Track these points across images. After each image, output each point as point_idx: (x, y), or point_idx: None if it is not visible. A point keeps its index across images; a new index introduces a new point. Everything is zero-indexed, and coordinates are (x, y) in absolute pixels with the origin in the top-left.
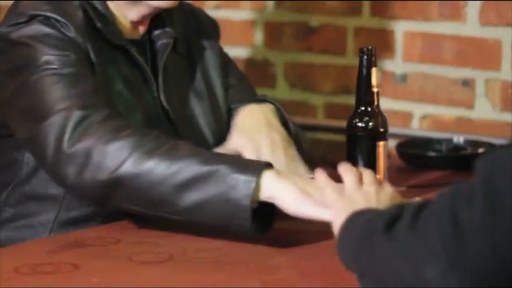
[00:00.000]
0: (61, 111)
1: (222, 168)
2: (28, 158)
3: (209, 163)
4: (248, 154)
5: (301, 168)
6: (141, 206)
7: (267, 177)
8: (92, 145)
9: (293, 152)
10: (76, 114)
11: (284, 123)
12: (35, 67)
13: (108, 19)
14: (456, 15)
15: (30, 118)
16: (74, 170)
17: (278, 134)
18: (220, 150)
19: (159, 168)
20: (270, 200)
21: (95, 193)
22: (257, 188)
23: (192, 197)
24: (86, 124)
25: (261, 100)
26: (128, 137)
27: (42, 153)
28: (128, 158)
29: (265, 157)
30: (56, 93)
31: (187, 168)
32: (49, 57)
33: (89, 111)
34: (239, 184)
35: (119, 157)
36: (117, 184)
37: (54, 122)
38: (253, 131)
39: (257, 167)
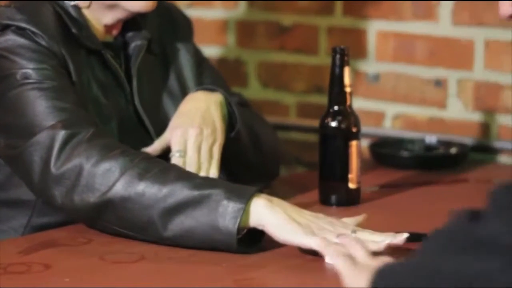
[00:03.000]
0: (46, 130)
1: (213, 194)
2: (1, 164)
3: (199, 188)
4: (176, 138)
5: (214, 164)
6: (129, 229)
7: (256, 204)
8: (80, 166)
9: (216, 148)
10: (62, 134)
11: (231, 117)
12: (13, 81)
13: (82, 23)
14: (429, 15)
15: (13, 134)
16: (63, 192)
17: (209, 127)
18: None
19: (150, 191)
20: (259, 227)
21: (85, 214)
22: (246, 215)
23: (181, 222)
24: (73, 144)
25: (212, 89)
26: (118, 158)
27: (28, 173)
28: (118, 180)
29: (190, 146)
30: (38, 108)
31: (178, 192)
32: (26, 70)
33: (75, 129)
34: (228, 212)
35: (109, 178)
36: (107, 206)
37: (39, 142)
38: (188, 117)
39: (247, 194)
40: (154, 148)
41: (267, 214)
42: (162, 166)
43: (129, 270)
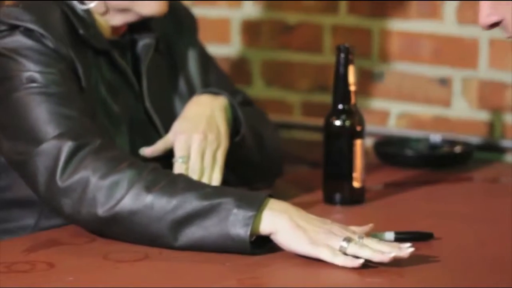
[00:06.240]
0: (52, 140)
1: (222, 203)
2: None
3: (209, 198)
4: (180, 144)
5: (217, 169)
6: (139, 241)
7: (265, 212)
8: (87, 179)
9: (220, 153)
10: (69, 145)
11: (235, 120)
12: (18, 83)
13: (89, 22)
14: (434, 14)
15: (16, 138)
16: (70, 205)
17: (213, 132)
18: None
19: (158, 204)
20: (269, 235)
21: (93, 227)
22: (257, 222)
23: (191, 233)
24: (79, 156)
25: (217, 92)
26: (125, 171)
27: (34, 182)
28: (127, 194)
29: (193, 152)
30: (43, 114)
31: (187, 203)
32: (32, 73)
33: (82, 141)
34: (239, 220)
35: (117, 192)
36: (115, 220)
37: (45, 152)
38: (192, 122)
39: (257, 201)
40: (156, 148)
41: (275, 222)
42: (170, 178)
43: (133, 269)
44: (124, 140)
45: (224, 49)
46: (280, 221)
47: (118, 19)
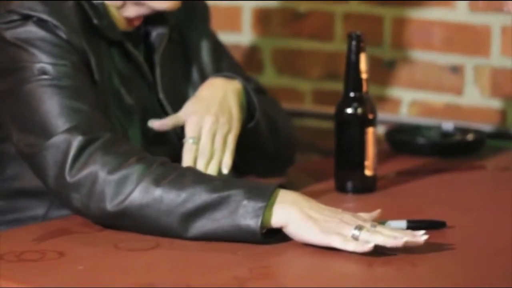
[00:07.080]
0: (62, 133)
1: (232, 195)
2: (17, 155)
3: (218, 190)
4: (191, 125)
5: (228, 153)
6: (150, 234)
7: (276, 206)
8: (96, 173)
9: (231, 137)
10: (79, 139)
11: (249, 106)
12: (30, 74)
13: (103, 13)
14: (445, 1)
15: (27, 130)
16: (79, 199)
17: (225, 115)
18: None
19: (168, 197)
20: (279, 227)
21: (102, 221)
22: (268, 213)
23: (202, 226)
24: (89, 151)
25: (231, 76)
26: (134, 165)
27: (43, 175)
28: (136, 188)
29: (204, 134)
30: (54, 107)
31: (196, 196)
32: (44, 65)
33: (92, 135)
34: (249, 211)
35: (126, 187)
36: (124, 214)
37: (54, 146)
38: (205, 104)
39: (267, 193)
40: (165, 122)
41: (286, 214)
42: (179, 171)
43: (144, 258)
44: (136, 130)
45: (235, 37)
46: (291, 213)
47: (131, 11)
